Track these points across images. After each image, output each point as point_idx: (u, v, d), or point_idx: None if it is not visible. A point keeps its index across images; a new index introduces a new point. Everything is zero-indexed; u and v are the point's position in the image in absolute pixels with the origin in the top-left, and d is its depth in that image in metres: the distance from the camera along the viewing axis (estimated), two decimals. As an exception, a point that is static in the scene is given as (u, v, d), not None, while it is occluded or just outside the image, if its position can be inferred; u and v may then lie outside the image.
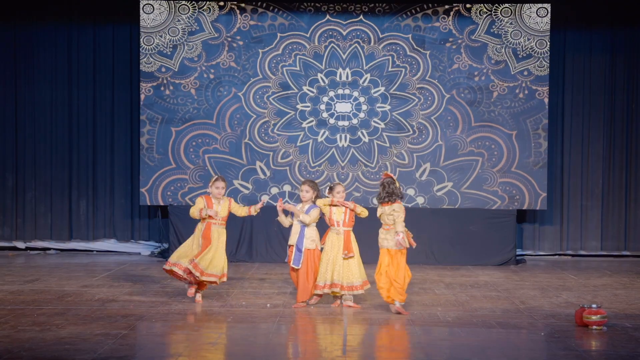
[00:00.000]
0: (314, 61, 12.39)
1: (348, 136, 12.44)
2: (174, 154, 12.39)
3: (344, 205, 8.60)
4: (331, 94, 12.39)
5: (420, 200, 12.42)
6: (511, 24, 12.31)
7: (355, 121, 12.40)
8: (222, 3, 12.34)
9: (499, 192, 12.37)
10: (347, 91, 12.39)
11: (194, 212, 8.66)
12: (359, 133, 12.41)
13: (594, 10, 12.97)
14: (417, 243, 12.21)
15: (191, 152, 12.40)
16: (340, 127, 12.41)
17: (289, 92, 12.40)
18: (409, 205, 12.35)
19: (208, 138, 12.42)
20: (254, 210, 8.88)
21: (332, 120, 12.42)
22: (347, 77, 12.39)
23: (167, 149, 12.39)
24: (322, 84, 12.40)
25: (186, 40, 12.35)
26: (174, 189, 12.40)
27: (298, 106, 12.41)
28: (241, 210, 8.88)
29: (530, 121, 12.36)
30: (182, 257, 8.58)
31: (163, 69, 12.36)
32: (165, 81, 12.36)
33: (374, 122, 12.39)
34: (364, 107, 12.39)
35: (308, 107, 12.41)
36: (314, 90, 12.38)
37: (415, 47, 12.35)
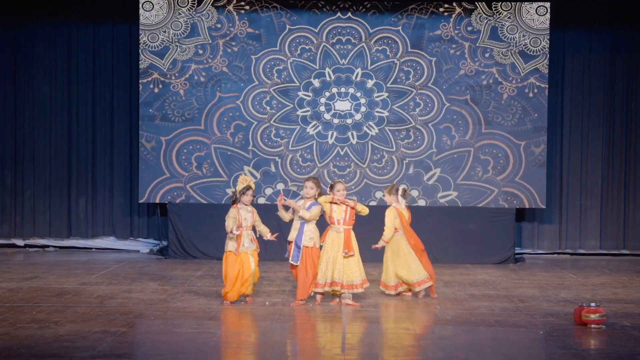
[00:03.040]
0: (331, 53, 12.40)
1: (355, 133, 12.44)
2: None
3: (344, 204, 8.60)
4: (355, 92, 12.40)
5: (414, 193, 12.43)
6: (510, 22, 12.31)
7: (357, 117, 12.41)
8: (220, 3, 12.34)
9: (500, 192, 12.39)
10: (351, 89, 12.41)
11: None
12: (364, 128, 12.42)
13: (594, 9, 12.97)
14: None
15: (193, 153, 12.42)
16: (344, 124, 12.42)
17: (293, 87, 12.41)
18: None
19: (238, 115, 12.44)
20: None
21: (335, 120, 12.43)
22: (356, 77, 12.40)
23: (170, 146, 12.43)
24: (329, 79, 12.41)
25: (184, 38, 12.34)
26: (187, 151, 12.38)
27: (298, 98, 12.42)
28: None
29: (528, 120, 12.35)
30: None
31: (163, 65, 12.35)
32: (167, 76, 12.34)
33: (378, 113, 12.39)
34: (363, 105, 12.39)
35: (308, 100, 12.42)
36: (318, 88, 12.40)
37: (413, 45, 12.35)
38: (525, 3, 12.29)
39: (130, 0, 12.66)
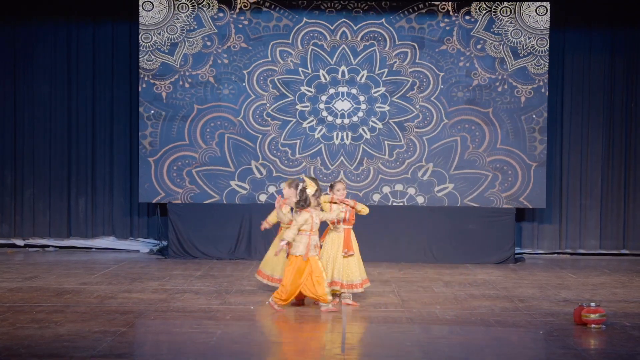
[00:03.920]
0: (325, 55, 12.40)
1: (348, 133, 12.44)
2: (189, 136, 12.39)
3: (344, 203, 8.59)
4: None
5: (419, 198, 12.43)
6: (510, 22, 12.31)
7: (358, 117, 12.41)
8: None
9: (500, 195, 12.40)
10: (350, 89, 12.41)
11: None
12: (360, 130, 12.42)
13: (594, 9, 12.97)
14: (416, 241, 12.35)
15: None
16: (340, 124, 12.42)
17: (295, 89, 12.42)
18: (407, 203, 12.38)
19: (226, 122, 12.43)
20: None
21: (330, 118, 12.43)
22: (343, 75, 12.39)
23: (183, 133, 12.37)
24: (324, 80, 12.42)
25: (185, 37, 12.34)
26: (180, 165, 12.38)
27: (297, 107, 12.42)
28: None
29: (529, 120, 12.35)
30: None
31: (163, 66, 12.35)
32: (169, 77, 12.35)
33: (372, 121, 12.39)
34: (363, 105, 12.40)
35: (308, 106, 12.41)
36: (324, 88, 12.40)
37: (413, 45, 12.34)
38: (525, 3, 12.28)
39: (130, 0, 12.66)
